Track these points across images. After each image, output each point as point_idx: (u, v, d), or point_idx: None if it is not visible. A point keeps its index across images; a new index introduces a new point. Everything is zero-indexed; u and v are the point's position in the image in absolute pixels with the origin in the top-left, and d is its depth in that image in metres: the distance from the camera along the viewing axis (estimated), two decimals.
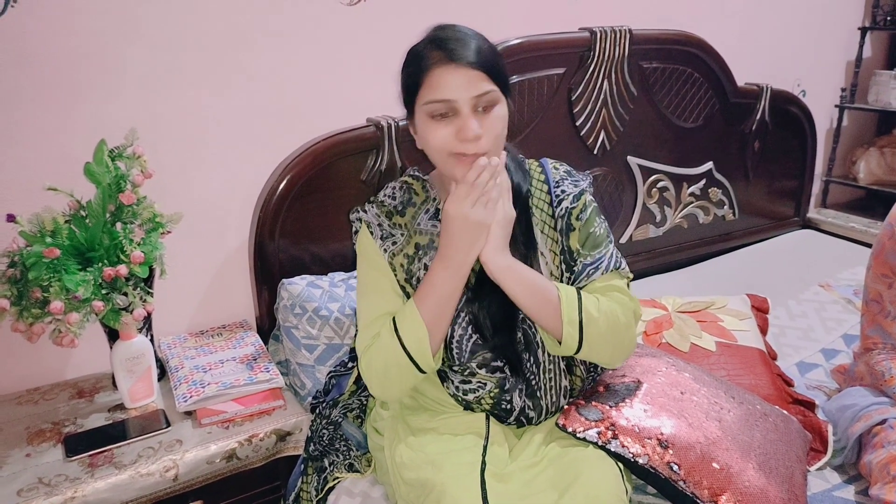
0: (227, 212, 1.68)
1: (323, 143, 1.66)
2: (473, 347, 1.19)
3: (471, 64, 1.02)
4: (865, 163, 2.84)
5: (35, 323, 1.27)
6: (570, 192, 1.20)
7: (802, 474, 1.26)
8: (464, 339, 1.18)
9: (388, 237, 1.19)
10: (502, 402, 1.22)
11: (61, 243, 1.29)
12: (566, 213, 1.18)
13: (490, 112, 1.05)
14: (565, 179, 1.22)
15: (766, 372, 1.63)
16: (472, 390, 1.21)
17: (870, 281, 1.52)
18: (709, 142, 2.34)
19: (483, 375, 1.20)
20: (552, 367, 1.23)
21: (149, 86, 1.51)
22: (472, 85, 1.02)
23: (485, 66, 1.03)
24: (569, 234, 1.19)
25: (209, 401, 1.41)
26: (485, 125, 1.05)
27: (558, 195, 1.19)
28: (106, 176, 1.34)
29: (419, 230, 1.20)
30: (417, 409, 1.28)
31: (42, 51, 1.39)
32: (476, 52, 1.03)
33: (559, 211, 1.18)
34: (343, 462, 1.34)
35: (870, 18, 2.76)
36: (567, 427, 1.19)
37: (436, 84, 1.04)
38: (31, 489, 1.20)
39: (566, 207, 1.18)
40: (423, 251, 1.19)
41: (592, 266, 1.18)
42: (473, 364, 1.19)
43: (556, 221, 1.18)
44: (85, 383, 1.56)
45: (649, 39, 2.07)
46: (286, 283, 1.61)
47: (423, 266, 1.18)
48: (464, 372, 1.20)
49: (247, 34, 1.58)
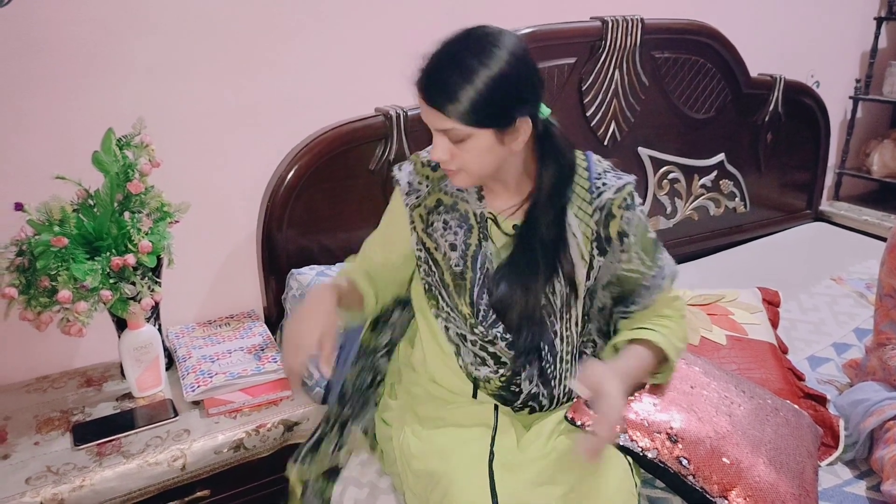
0: (235, 202, 1.67)
1: (331, 132, 1.65)
2: (495, 319, 1.19)
3: (436, 107, 1.04)
4: (879, 155, 2.80)
5: (43, 312, 1.27)
6: (612, 184, 1.19)
7: (814, 469, 1.25)
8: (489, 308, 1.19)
9: (413, 192, 1.24)
10: (511, 386, 1.21)
11: (69, 232, 1.28)
12: (607, 203, 1.18)
13: (460, 144, 1.08)
14: (608, 172, 1.23)
15: (777, 366, 1.61)
16: (483, 365, 1.20)
17: (884, 276, 1.50)
18: (720, 133, 2.32)
19: (501, 348, 1.19)
20: (569, 358, 1.23)
21: (157, 75, 1.50)
22: (437, 121, 1.06)
23: (452, 112, 1.04)
24: (608, 223, 1.18)
25: (217, 391, 1.41)
26: (456, 154, 1.09)
27: (598, 186, 1.19)
28: (114, 165, 1.34)
29: (445, 190, 1.23)
30: (426, 398, 1.28)
31: (50, 40, 1.38)
32: (448, 97, 1.03)
33: (599, 201, 1.18)
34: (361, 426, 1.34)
35: (886, 8, 2.71)
36: (576, 420, 1.18)
37: (420, 111, 1.09)
38: (40, 477, 1.21)
39: (607, 198, 1.18)
40: (445, 209, 1.22)
41: (660, 276, 1.23)
42: (495, 332, 1.19)
43: (594, 209, 1.19)
44: (93, 372, 1.56)
45: (661, 29, 2.05)
46: (295, 272, 1.60)
47: (442, 221, 1.21)
48: (482, 339, 1.20)
49: (255, 24, 1.57)
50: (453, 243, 1.21)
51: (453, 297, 1.20)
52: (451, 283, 1.20)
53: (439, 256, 1.21)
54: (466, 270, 1.19)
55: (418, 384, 1.30)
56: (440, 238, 1.21)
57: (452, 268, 1.20)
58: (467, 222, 1.21)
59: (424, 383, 1.29)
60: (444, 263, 1.21)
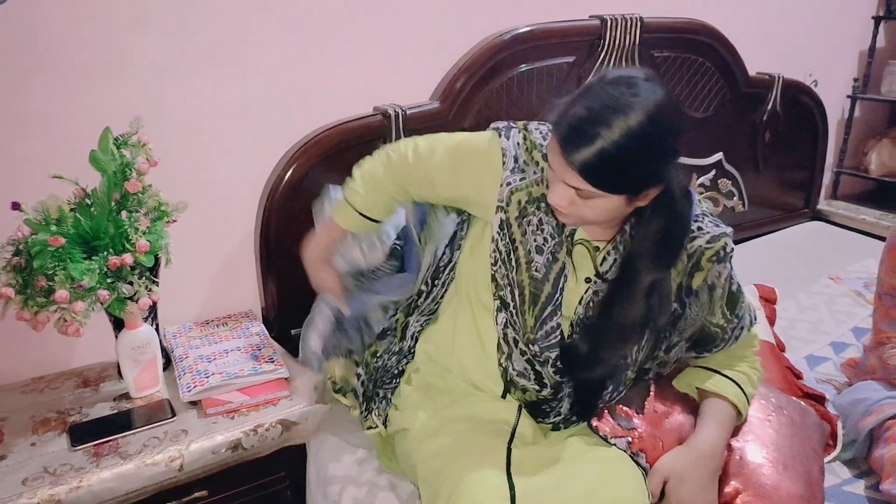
0: (232, 201, 1.67)
1: (330, 131, 1.64)
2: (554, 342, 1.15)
3: (573, 166, 0.95)
4: (877, 154, 2.80)
5: (40, 311, 1.26)
6: (708, 232, 1.11)
7: (819, 468, 1.25)
8: (556, 330, 1.14)
9: (517, 171, 1.13)
10: (545, 406, 1.19)
11: (66, 231, 1.28)
12: (698, 251, 1.10)
13: (585, 200, 1.00)
14: (706, 216, 1.14)
15: (775, 365, 1.61)
16: (525, 378, 1.17)
17: (883, 274, 1.50)
18: (719, 132, 2.32)
19: (549, 374, 1.16)
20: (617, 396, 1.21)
21: (154, 74, 1.49)
22: (568, 175, 0.98)
23: (587, 175, 0.95)
24: (693, 273, 1.11)
25: (213, 391, 1.40)
26: (577, 203, 1.01)
27: (693, 231, 1.11)
28: (111, 164, 1.33)
29: None
30: (446, 390, 1.25)
31: (46, 38, 1.37)
32: (587, 160, 0.94)
33: (691, 247, 1.10)
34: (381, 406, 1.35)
35: (884, 8, 2.72)
36: (599, 431, 1.17)
37: (551, 147, 1.00)
38: (37, 478, 1.20)
39: (699, 246, 1.10)
40: (546, 209, 1.11)
41: (738, 328, 1.20)
42: (549, 355, 1.15)
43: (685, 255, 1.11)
44: (90, 372, 1.55)
45: (660, 28, 2.04)
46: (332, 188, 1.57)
47: (538, 218, 1.12)
48: (535, 357, 1.15)
49: (253, 23, 1.56)
50: (541, 247, 1.12)
51: (525, 301, 1.13)
52: (527, 287, 1.13)
53: (522, 253, 1.12)
54: (546, 283, 1.12)
55: (439, 376, 1.27)
56: (530, 235, 1.12)
57: (533, 272, 1.12)
58: (561, 235, 1.13)
59: (445, 376, 1.26)
60: (526, 263, 1.13)
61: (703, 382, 1.20)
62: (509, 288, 1.15)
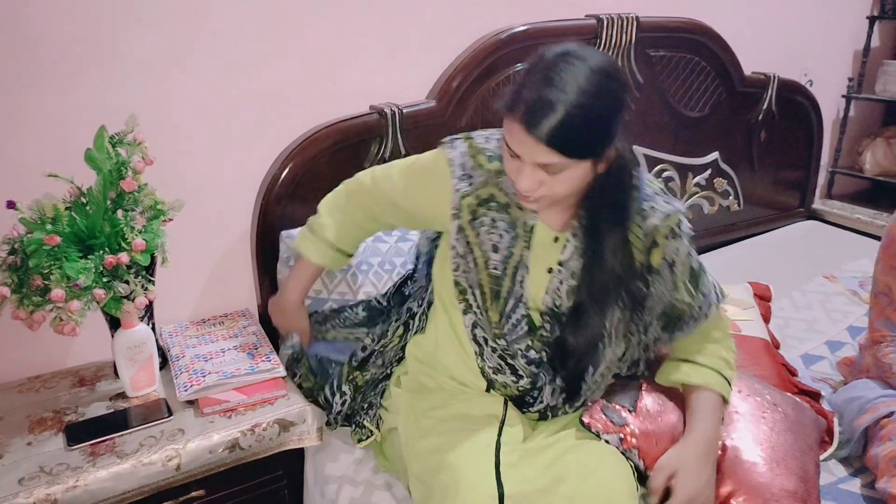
0: (228, 200, 1.66)
1: (325, 130, 1.64)
2: (522, 334, 1.19)
3: (541, 140, 0.97)
4: (872, 153, 2.81)
5: (36, 311, 1.26)
6: (661, 210, 1.14)
7: (814, 463, 1.26)
8: (522, 322, 1.18)
9: (465, 178, 1.16)
10: (527, 397, 1.21)
11: (62, 230, 1.27)
12: (653, 229, 1.13)
13: (555, 175, 1.02)
14: (658, 196, 1.16)
15: (770, 362, 1.62)
16: (502, 374, 1.20)
17: (878, 273, 1.50)
18: (715, 131, 2.32)
19: (521, 364, 1.19)
20: (602, 378, 1.22)
21: (150, 72, 1.49)
22: (538, 153, 0.99)
23: (557, 144, 0.97)
24: (651, 251, 1.14)
25: (210, 390, 1.40)
26: (547, 182, 1.03)
27: (646, 210, 1.13)
28: (107, 162, 1.32)
29: (501, 186, 1.15)
30: (436, 389, 1.27)
31: (42, 36, 1.37)
32: (554, 128, 0.96)
33: (646, 225, 1.13)
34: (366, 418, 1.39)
35: (878, 8, 2.72)
36: (591, 427, 1.18)
37: (511, 130, 1.02)
38: (33, 478, 1.19)
39: (653, 224, 1.13)
40: (497, 207, 1.15)
41: (706, 304, 1.21)
42: (517, 348, 1.18)
43: (641, 234, 1.14)
44: (86, 371, 1.55)
45: (656, 27, 2.05)
46: (285, 234, 1.61)
47: (490, 218, 1.15)
48: (505, 350, 1.19)
49: (249, 21, 1.56)
50: (497, 245, 1.15)
51: (487, 300, 1.17)
52: (486, 285, 1.16)
53: (479, 254, 1.16)
54: (504, 278, 1.16)
55: (428, 375, 1.30)
56: (485, 235, 1.16)
57: (490, 270, 1.16)
58: (515, 229, 1.15)
59: (434, 375, 1.28)
60: (483, 262, 1.16)
61: (687, 377, 1.22)
62: (471, 290, 1.19)
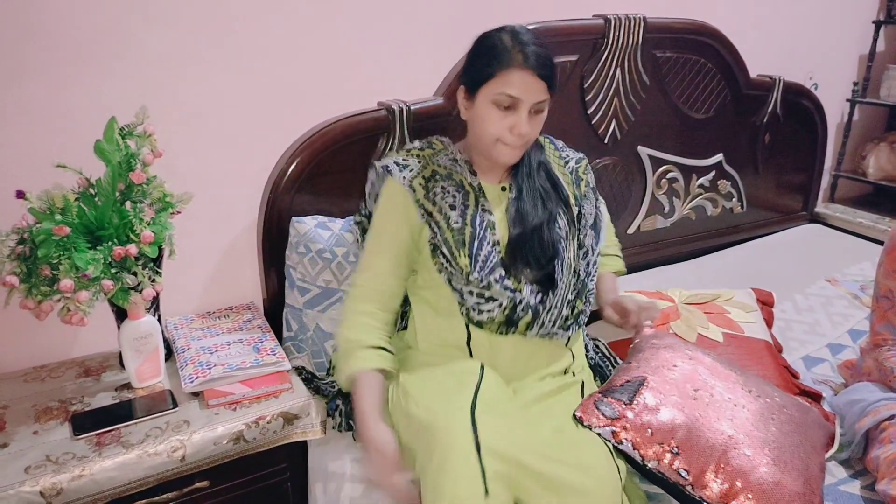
0: (236, 193, 1.67)
1: (334, 125, 1.65)
2: (494, 265, 1.30)
3: (541, 76, 1.22)
4: (875, 158, 2.82)
5: (44, 300, 1.27)
6: (573, 156, 1.50)
7: (819, 465, 1.26)
8: (491, 255, 1.30)
9: (404, 168, 1.35)
10: (514, 315, 1.29)
11: (71, 221, 1.28)
12: (574, 169, 1.47)
13: (537, 115, 1.28)
14: (565, 149, 1.52)
15: (773, 363, 1.63)
16: (486, 310, 1.29)
17: (881, 277, 1.51)
18: (719, 133, 2.33)
19: (497, 291, 1.28)
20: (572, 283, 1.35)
21: (160, 64, 1.49)
22: (538, 93, 1.24)
23: (549, 79, 1.24)
24: (579, 184, 1.45)
25: (215, 382, 1.41)
26: (531, 124, 1.27)
27: (564, 157, 1.48)
28: (116, 154, 1.33)
29: (438, 163, 1.37)
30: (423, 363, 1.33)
31: (51, 26, 1.37)
32: (547, 65, 1.23)
33: (568, 168, 1.47)
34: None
35: (884, 12, 2.73)
36: (584, 421, 1.20)
37: (511, 82, 1.22)
38: (39, 466, 1.20)
39: (573, 166, 1.47)
40: (441, 178, 1.35)
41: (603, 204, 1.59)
42: (491, 278, 1.29)
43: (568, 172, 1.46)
44: (92, 362, 1.55)
45: (663, 28, 2.05)
46: (295, 220, 1.60)
47: (440, 186, 1.34)
48: (479, 286, 1.29)
49: (259, 15, 1.56)
50: (452, 204, 1.33)
51: (453, 251, 1.30)
52: (450, 238, 1.30)
53: (440, 217, 1.32)
54: (465, 226, 1.31)
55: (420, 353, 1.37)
56: (441, 200, 1.32)
57: (452, 225, 1.31)
58: (463, 188, 1.35)
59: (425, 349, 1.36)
60: (444, 222, 1.31)
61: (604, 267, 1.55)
62: (440, 251, 1.31)
